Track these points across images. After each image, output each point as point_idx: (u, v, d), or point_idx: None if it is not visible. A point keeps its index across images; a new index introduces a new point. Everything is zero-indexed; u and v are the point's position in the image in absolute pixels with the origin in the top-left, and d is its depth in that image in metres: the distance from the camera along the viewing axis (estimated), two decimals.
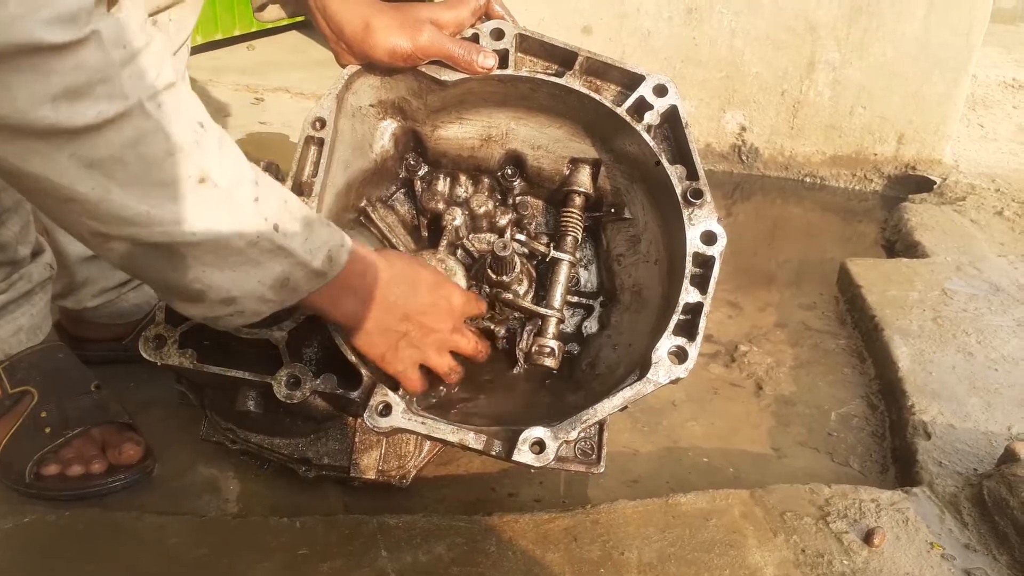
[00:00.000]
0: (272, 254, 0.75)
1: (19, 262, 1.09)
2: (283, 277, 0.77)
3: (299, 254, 0.77)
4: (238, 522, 1.02)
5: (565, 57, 1.00)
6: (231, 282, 0.74)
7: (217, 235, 0.70)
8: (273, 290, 0.77)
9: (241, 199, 0.72)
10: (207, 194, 0.69)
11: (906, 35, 2.21)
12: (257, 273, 0.75)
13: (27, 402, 1.12)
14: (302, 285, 0.79)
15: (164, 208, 0.67)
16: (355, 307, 0.85)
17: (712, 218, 0.94)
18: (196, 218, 0.69)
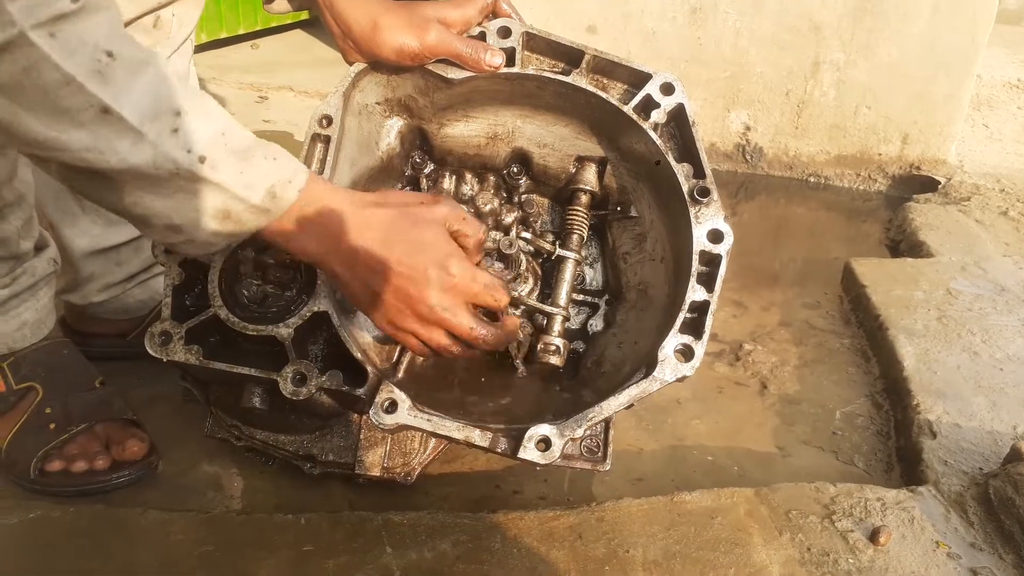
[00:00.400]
0: (197, 185, 0.74)
1: (22, 256, 1.09)
2: (223, 209, 0.76)
3: (233, 188, 0.75)
4: (243, 519, 1.02)
5: (572, 55, 1.00)
6: (170, 209, 0.74)
7: (131, 165, 0.70)
8: (216, 221, 0.76)
9: (155, 131, 0.71)
10: (113, 124, 0.69)
11: (911, 35, 2.20)
12: (194, 203, 0.74)
13: (32, 398, 1.12)
14: (246, 219, 0.77)
15: (71, 135, 0.68)
16: (315, 249, 0.82)
17: (719, 216, 0.94)
18: (105, 147, 0.69)
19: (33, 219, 1.11)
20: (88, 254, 1.26)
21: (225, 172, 0.74)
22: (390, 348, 1.05)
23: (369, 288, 0.83)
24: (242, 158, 0.76)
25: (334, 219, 0.82)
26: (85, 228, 1.25)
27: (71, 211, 1.24)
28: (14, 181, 1.04)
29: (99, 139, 0.69)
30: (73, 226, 1.24)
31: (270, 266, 0.94)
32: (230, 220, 0.77)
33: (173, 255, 0.93)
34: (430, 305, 0.84)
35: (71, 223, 1.24)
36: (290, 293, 0.93)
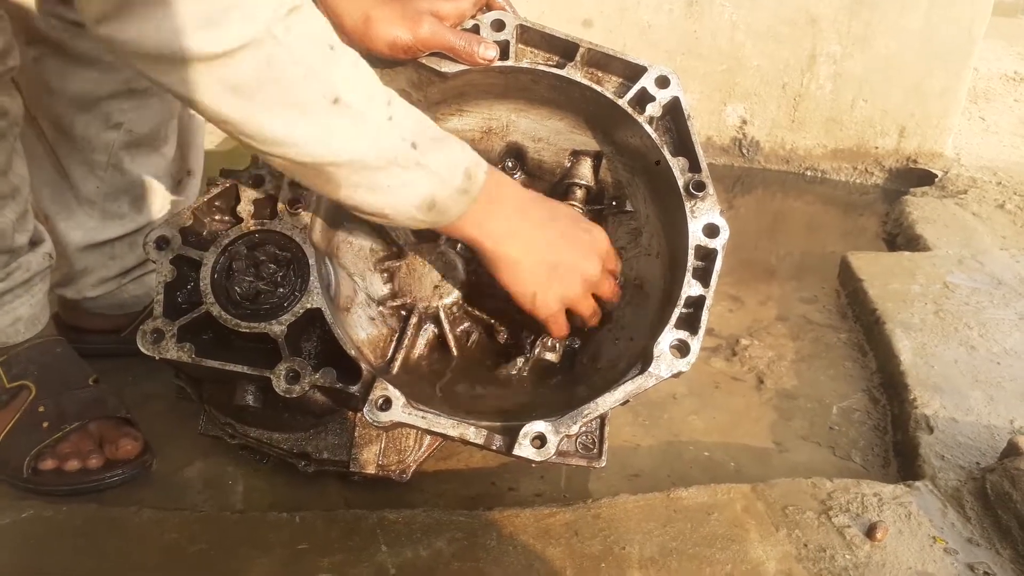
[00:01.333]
0: (413, 172, 0.78)
1: (16, 251, 1.09)
2: (429, 198, 0.79)
3: (439, 171, 0.79)
4: (237, 517, 1.02)
5: (566, 48, 0.99)
6: (381, 202, 0.79)
7: (355, 154, 0.74)
8: (422, 211, 0.80)
9: (375, 118, 0.75)
10: (342, 114, 0.72)
11: (908, 28, 2.20)
12: (404, 193, 0.79)
13: (25, 396, 1.11)
14: (449, 206, 0.81)
15: (303, 129, 0.71)
16: (503, 230, 0.86)
17: (714, 211, 0.94)
18: (333, 138, 0.73)
19: (28, 213, 1.10)
20: (83, 248, 1.26)
21: (431, 156, 0.79)
22: (384, 345, 1.04)
23: (543, 267, 0.89)
24: (439, 144, 0.80)
25: (519, 200, 0.89)
26: (80, 221, 1.24)
27: (67, 205, 1.23)
28: (9, 174, 1.03)
29: (328, 131, 0.72)
30: (68, 219, 1.24)
31: (262, 263, 0.93)
32: (435, 209, 0.81)
33: (164, 252, 0.92)
34: (596, 272, 0.93)
35: (67, 216, 1.23)
36: (283, 290, 0.92)
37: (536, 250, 0.89)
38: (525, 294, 0.90)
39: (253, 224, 0.93)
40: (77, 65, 1.13)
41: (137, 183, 1.26)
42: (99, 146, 1.20)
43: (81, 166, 1.21)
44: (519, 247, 0.88)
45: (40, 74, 1.12)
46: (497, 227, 0.86)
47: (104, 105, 1.18)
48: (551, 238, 0.90)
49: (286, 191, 0.93)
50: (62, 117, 1.17)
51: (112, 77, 1.15)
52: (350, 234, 1.06)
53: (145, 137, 1.23)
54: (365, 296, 1.05)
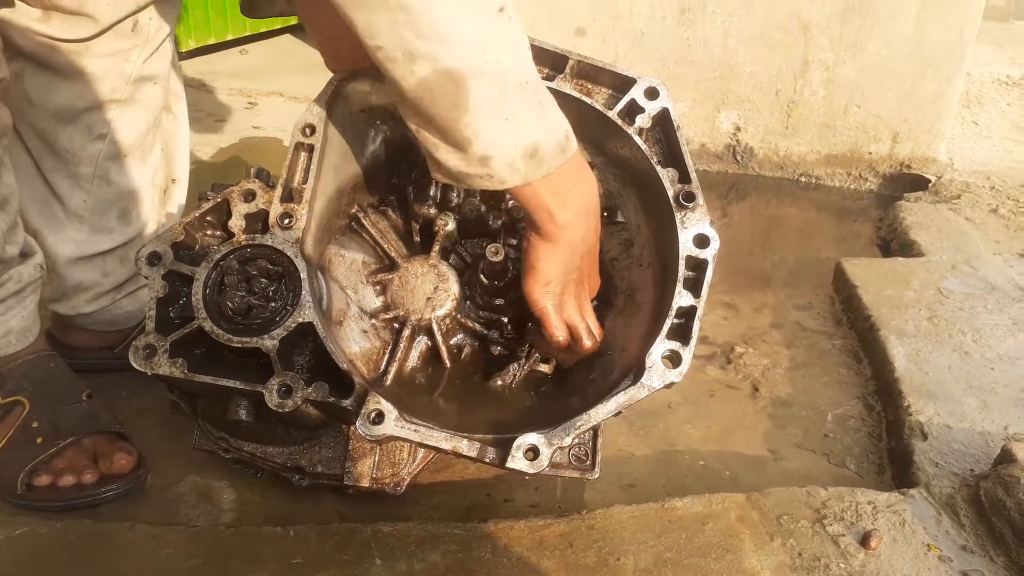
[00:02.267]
0: (532, 109, 0.79)
1: (7, 262, 1.09)
2: (535, 144, 0.79)
3: (550, 118, 0.80)
4: (231, 531, 1.02)
5: (556, 61, 0.99)
6: (494, 136, 0.78)
7: (504, 65, 0.75)
8: (524, 158, 0.80)
9: (523, 39, 0.78)
10: (503, 24, 0.74)
11: (900, 34, 2.21)
12: (517, 132, 0.78)
13: (18, 412, 1.12)
14: (546, 159, 0.81)
15: (470, 29, 0.72)
16: (573, 208, 0.86)
17: (705, 221, 0.94)
18: (492, 45, 0.74)
19: (18, 225, 1.10)
20: (73, 261, 1.26)
21: (548, 101, 0.81)
22: (377, 358, 1.04)
23: (576, 266, 0.91)
24: (549, 97, 0.81)
25: (589, 187, 0.88)
26: (69, 235, 1.24)
27: (55, 218, 1.23)
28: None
29: (491, 37, 0.74)
30: (57, 233, 1.24)
31: (254, 277, 0.93)
32: (535, 159, 0.80)
33: (156, 268, 0.92)
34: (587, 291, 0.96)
35: (55, 230, 1.24)
36: (275, 304, 0.92)
37: (578, 248, 0.89)
38: (542, 277, 0.90)
39: (245, 239, 0.93)
40: (57, 79, 1.14)
41: (124, 194, 1.26)
42: (84, 158, 1.20)
43: (67, 179, 1.22)
44: (570, 235, 0.87)
45: (22, 89, 1.13)
46: (570, 203, 0.86)
47: (86, 117, 1.18)
48: (591, 247, 0.92)
49: (277, 206, 0.93)
50: (46, 131, 1.17)
51: (93, 89, 1.16)
52: (342, 247, 1.06)
53: (129, 147, 1.23)
54: (358, 309, 1.05)
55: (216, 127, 2.54)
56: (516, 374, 1.04)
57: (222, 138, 2.45)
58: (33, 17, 1.08)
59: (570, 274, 0.91)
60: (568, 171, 0.84)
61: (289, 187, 0.94)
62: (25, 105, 1.14)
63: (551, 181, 0.83)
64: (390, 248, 1.09)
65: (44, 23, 1.08)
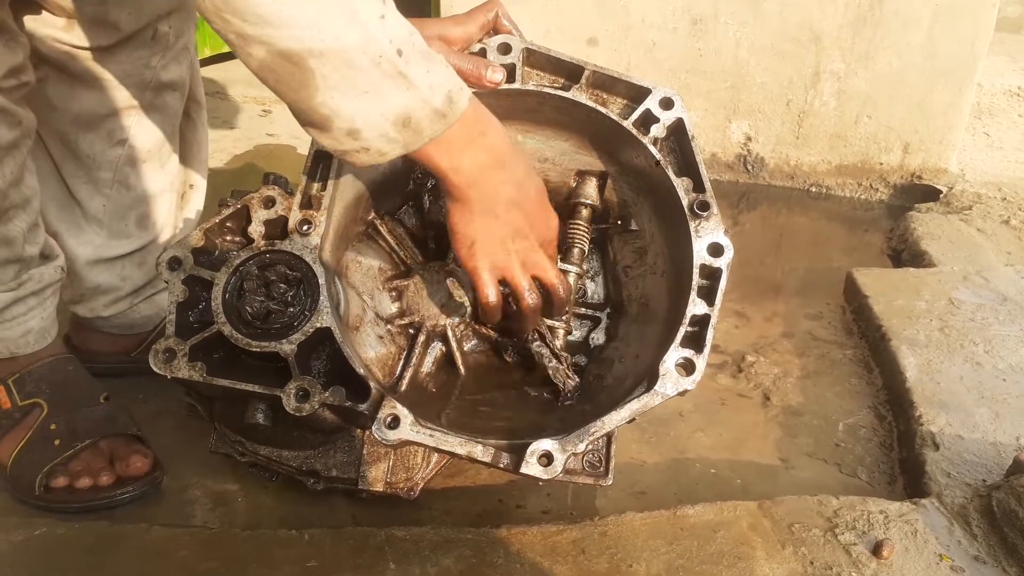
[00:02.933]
0: (394, 80, 0.75)
1: (27, 261, 1.10)
2: (405, 113, 0.77)
3: (420, 86, 0.76)
4: (247, 535, 1.03)
5: (572, 71, 1.01)
6: (355, 111, 0.75)
7: (344, 43, 0.71)
8: (396, 127, 0.77)
9: (368, 13, 0.73)
10: (339, 2, 0.71)
11: (911, 45, 2.21)
12: (380, 104, 0.76)
13: (36, 414, 1.13)
14: (424, 127, 0.79)
15: (298, 11, 0.69)
16: (472, 168, 0.84)
17: (719, 230, 0.95)
18: (326, 24, 0.70)
19: (39, 226, 1.12)
20: (91, 263, 1.27)
21: (415, 69, 0.76)
22: (393, 363, 1.05)
23: (492, 222, 0.88)
24: (427, 59, 0.78)
25: (494, 143, 0.85)
26: (88, 239, 1.26)
27: (75, 222, 1.25)
28: (21, 185, 1.05)
29: (322, 15, 0.70)
30: (77, 236, 1.26)
31: (273, 282, 0.94)
32: (410, 127, 0.78)
33: (177, 272, 0.94)
34: (537, 249, 0.94)
35: (75, 233, 1.26)
36: (293, 309, 0.94)
37: (495, 203, 0.88)
38: (465, 239, 0.89)
39: (264, 244, 0.95)
40: (80, 86, 1.16)
41: (142, 199, 1.28)
42: (104, 163, 1.22)
43: (87, 185, 1.24)
44: (479, 192, 0.86)
45: (45, 95, 1.15)
46: (467, 163, 0.84)
47: (107, 123, 1.20)
48: (513, 198, 0.89)
49: (296, 212, 0.94)
50: (67, 136, 1.19)
51: (114, 96, 1.18)
52: (359, 254, 1.07)
53: (148, 152, 1.25)
54: (374, 315, 1.06)
55: (231, 134, 2.56)
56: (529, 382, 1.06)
57: (236, 145, 2.47)
58: (57, 26, 1.10)
59: (498, 230, 0.90)
60: (460, 131, 0.82)
61: (308, 194, 0.95)
62: (48, 111, 1.16)
63: (441, 145, 0.81)
64: (406, 255, 1.10)
65: (67, 32, 1.10)
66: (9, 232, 1.05)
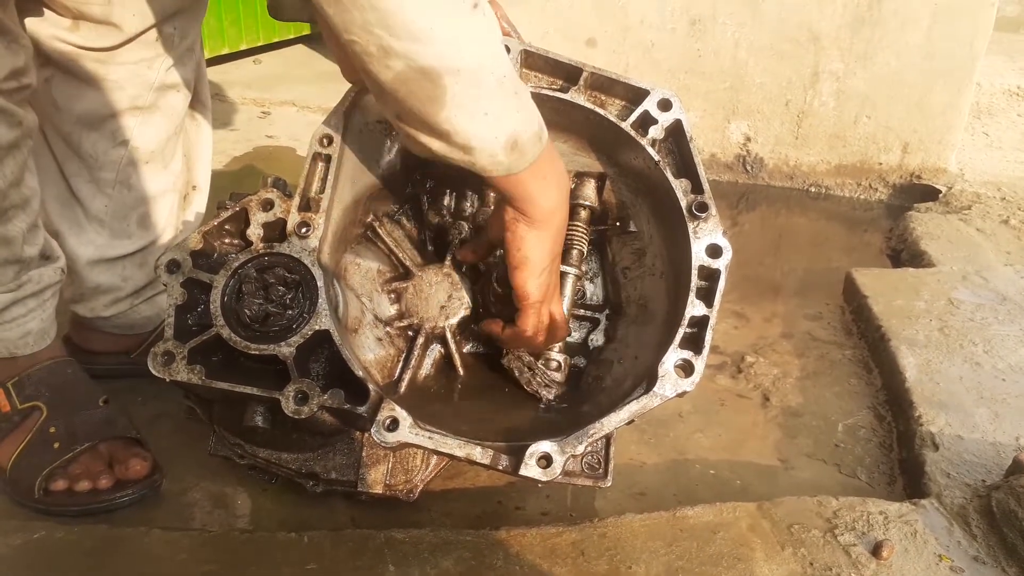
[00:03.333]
0: (511, 101, 0.79)
1: (27, 262, 1.10)
2: (513, 136, 0.80)
3: (526, 108, 0.81)
4: (246, 537, 1.03)
5: (570, 72, 1.01)
6: (472, 131, 0.78)
7: (480, 61, 0.75)
8: (505, 150, 0.80)
9: (497, 34, 0.77)
10: (477, 20, 0.74)
11: (910, 45, 2.21)
12: (497, 125, 0.79)
13: (36, 417, 1.13)
14: (528, 148, 0.82)
15: (442, 28, 0.72)
16: (555, 196, 0.87)
17: (717, 231, 0.95)
18: (465, 43, 0.74)
19: (38, 226, 1.12)
20: (93, 263, 1.28)
21: (523, 92, 0.81)
22: (391, 365, 1.05)
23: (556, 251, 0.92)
24: (523, 86, 0.83)
25: (563, 171, 0.89)
26: (90, 238, 1.26)
27: (77, 222, 1.25)
28: (21, 185, 1.05)
29: (464, 33, 0.73)
30: (78, 236, 1.26)
31: (272, 285, 0.94)
32: (516, 150, 0.81)
33: (176, 275, 0.94)
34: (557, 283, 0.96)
35: (76, 233, 1.26)
36: (292, 312, 0.93)
37: (562, 229, 0.91)
38: (536, 267, 0.91)
39: (263, 247, 0.94)
40: (84, 86, 1.16)
41: (144, 200, 1.28)
42: (106, 163, 1.22)
43: (89, 184, 1.24)
44: (558, 219, 0.89)
45: (49, 94, 1.15)
46: (553, 189, 0.87)
47: (110, 123, 1.20)
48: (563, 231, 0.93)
49: (295, 215, 0.94)
50: (70, 136, 1.20)
51: (117, 96, 1.18)
52: (358, 256, 1.07)
53: (151, 153, 1.25)
54: (373, 317, 1.06)
55: (230, 136, 2.56)
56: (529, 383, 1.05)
57: (236, 147, 2.48)
58: (62, 26, 1.10)
59: (556, 260, 0.93)
60: (548, 156, 0.85)
61: (307, 196, 0.95)
62: (51, 110, 1.16)
63: (535, 168, 0.84)
64: (405, 257, 1.10)
65: (72, 32, 1.10)
66: (9, 232, 1.05)
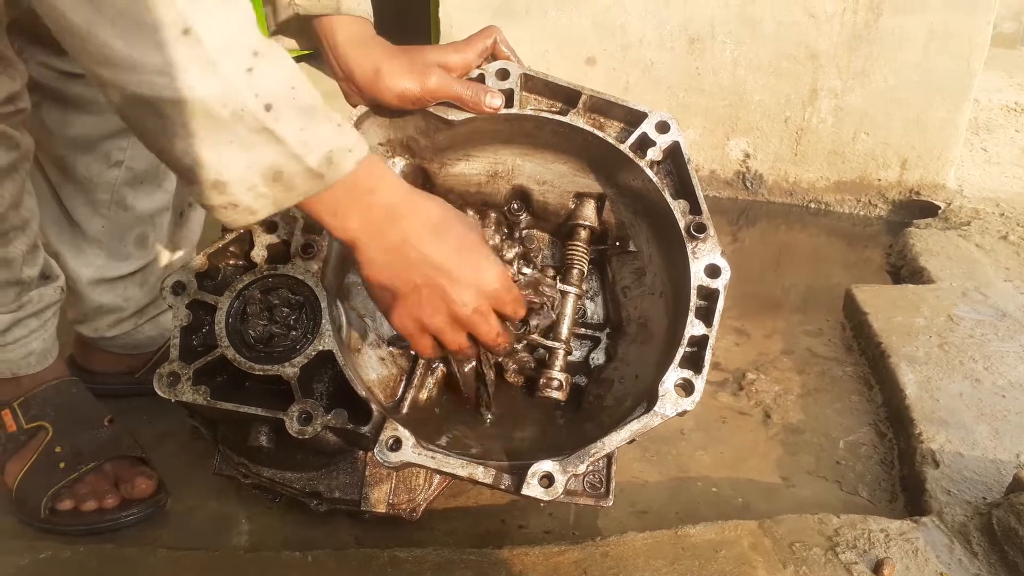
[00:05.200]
0: (260, 136, 0.71)
1: (27, 283, 1.11)
2: (275, 168, 0.73)
3: (291, 144, 0.72)
4: (250, 556, 1.03)
5: (569, 95, 1.02)
6: (219, 162, 0.71)
7: (198, 96, 0.68)
8: (265, 182, 0.73)
9: (230, 65, 0.69)
10: (191, 50, 0.67)
11: (907, 62, 2.23)
12: (246, 157, 0.72)
13: (42, 437, 1.14)
14: (297, 184, 0.75)
15: (146, 55, 0.66)
16: (357, 228, 0.80)
17: (716, 252, 0.96)
18: (178, 72, 0.67)
19: (38, 248, 1.13)
20: (94, 283, 1.29)
21: (287, 126, 0.72)
22: (394, 385, 1.06)
23: (403, 280, 0.83)
24: (307, 116, 0.74)
25: (388, 200, 0.81)
26: (89, 260, 1.28)
27: (76, 244, 1.27)
28: (20, 208, 1.06)
29: (173, 63, 0.67)
30: (78, 257, 1.27)
31: (276, 306, 0.95)
32: (280, 183, 0.74)
33: (181, 297, 0.95)
34: (467, 306, 0.85)
35: (76, 254, 1.27)
36: (296, 333, 0.95)
37: (397, 262, 0.82)
38: (381, 301, 0.86)
39: (267, 268, 0.96)
40: (74, 110, 1.17)
41: (140, 219, 1.29)
42: (101, 184, 1.24)
43: (85, 207, 1.25)
44: (378, 250, 0.82)
45: (40, 119, 1.16)
46: (355, 223, 0.80)
47: (103, 145, 1.21)
48: (425, 254, 0.83)
49: (299, 237, 0.96)
50: (64, 159, 1.21)
51: (108, 118, 1.19)
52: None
53: (145, 173, 1.27)
54: (375, 337, 1.07)
55: None
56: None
57: None
58: (49, 53, 1.11)
59: (411, 296, 0.84)
60: (342, 193, 0.78)
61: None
62: (43, 135, 1.17)
63: (324, 204, 0.78)
64: None
65: (59, 58, 1.12)
66: (9, 254, 1.06)
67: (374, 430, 0.91)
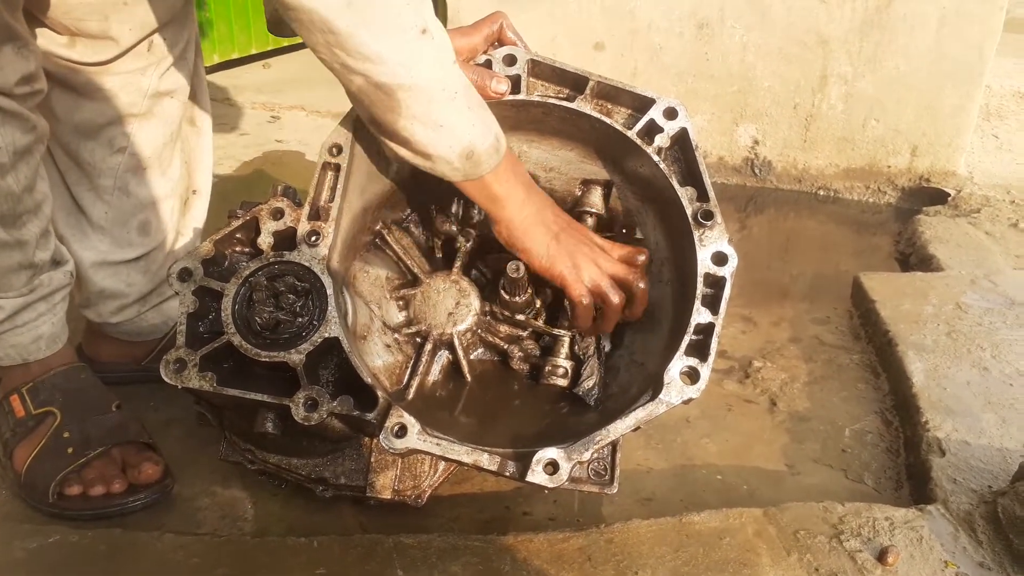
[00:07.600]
0: (464, 115, 0.88)
1: (39, 267, 1.12)
2: (470, 146, 0.89)
3: (482, 122, 0.90)
4: (256, 542, 1.04)
5: (576, 81, 1.01)
6: (431, 139, 0.88)
7: (430, 81, 0.84)
8: (461, 158, 0.90)
9: (448, 58, 0.87)
10: (426, 44, 0.83)
11: (919, 48, 2.21)
12: (452, 136, 0.88)
13: (50, 423, 1.14)
14: (483, 160, 0.91)
15: (394, 50, 0.81)
16: (521, 194, 0.96)
17: (723, 239, 0.95)
18: (415, 63, 0.83)
19: (50, 232, 1.14)
20: (96, 265, 1.29)
21: (478, 109, 0.90)
22: (400, 372, 1.06)
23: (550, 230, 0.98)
24: (482, 104, 0.92)
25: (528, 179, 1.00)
26: (93, 244, 1.29)
27: (81, 228, 1.28)
28: (34, 191, 1.07)
29: (413, 55, 0.82)
30: (82, 242, 1.28)
31: (282, 293, 0.95)
32: (471, 160, 0.90)
33: (187, 283, 0.95)
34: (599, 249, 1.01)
35: (80, 239, 1.28)
36: (302, 319, 0.95)
37: (540, 210, 0.98)
38: (539, 255, 0.98)
39: (273, 255, 0.96)
40: (81, 98, 1.18)
41: (143, 206, 1.30)
42: (105, 171, 1.24)
43: (89, 192, 1.26)
44: (531, 207, 0.97)
45: (49, 107, 1.17)
46: (516, 191, 0.96)
47: (107, 131, 1.22)
48: (557, 213, 1.01)
49: (305, 223, 0.96)
50: (70, 145, 1.22)
51: (112, 104, 1.20)
52: (367, 263, 1.08)
53: (148, 159, 1.27)
54: (381, 324, 1.07)
55: (239, 140, 2.58)
56: (536, 389, 1.06)
57: (245, 151, 2.49)
58: (59, 43, 1.12)
59: (559, 235, 0.98)
60: (507, 164, 0.94)
61: (316, 205, 0.96)
62: (52, 122, 1.18)
63: (498, 176, 0.93)
64: (413, 264, 1.11)
65: (69, 48, 1.13)
66: (23, 236, 1.07)
67: (380, 417, 0.91)
